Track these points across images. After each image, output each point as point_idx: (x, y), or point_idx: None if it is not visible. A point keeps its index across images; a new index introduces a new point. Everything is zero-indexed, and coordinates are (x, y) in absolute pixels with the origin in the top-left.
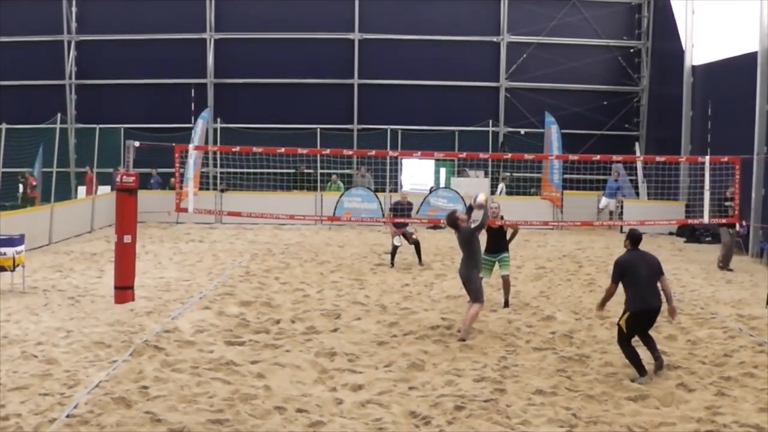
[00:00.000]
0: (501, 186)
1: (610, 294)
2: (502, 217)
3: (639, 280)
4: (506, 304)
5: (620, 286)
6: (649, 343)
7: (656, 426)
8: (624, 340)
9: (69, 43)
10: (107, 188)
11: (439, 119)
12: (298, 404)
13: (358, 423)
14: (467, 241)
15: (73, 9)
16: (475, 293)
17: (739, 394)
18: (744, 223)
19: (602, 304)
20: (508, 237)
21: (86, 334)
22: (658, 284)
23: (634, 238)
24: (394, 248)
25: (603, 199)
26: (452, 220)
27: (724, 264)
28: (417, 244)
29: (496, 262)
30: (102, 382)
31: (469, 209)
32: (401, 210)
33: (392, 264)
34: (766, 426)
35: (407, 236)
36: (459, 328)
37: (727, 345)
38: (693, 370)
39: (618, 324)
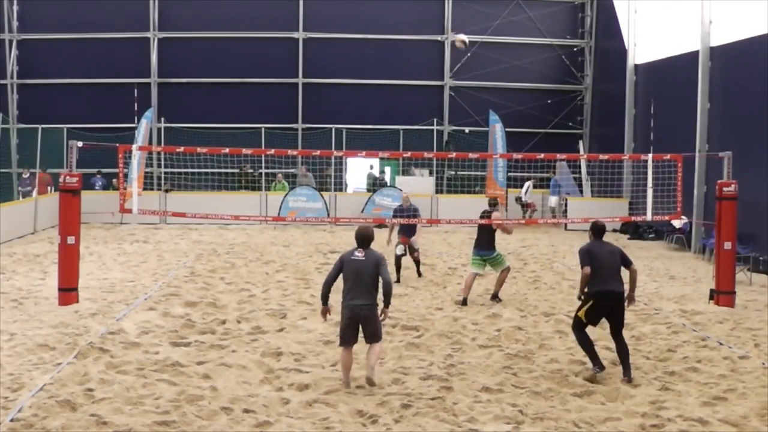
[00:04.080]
0: (528, 184)
1: (586, 277)
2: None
3: (601, 267)
4: (495, 296)
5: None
6: (623, 356)
7: (602, 421)
8: (579, 329)
9: (10, 41)
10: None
11: (383, 118)
12: (244, 404)
13: (305, 423)
14: (374, 268)
15: (15, 7)
16: (377, 330)
17: (683, 389)
18: (685, 219)
19: (582, 289)
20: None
21: (30, 337)
22: (627, 274)
23: (596, 230)
24: (398, 258)
25: (551, 198)
26: (369, 235)
27: None
28: (417, 262)
29: (487, 262)
30: (46, 385)
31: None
32: (405, 216)
33: (398, 279)
34: (709, 419)
35: (412, 250)
36: (366, 375)
37: (671, 340)
38: (637, 365)
39: (576, 315)
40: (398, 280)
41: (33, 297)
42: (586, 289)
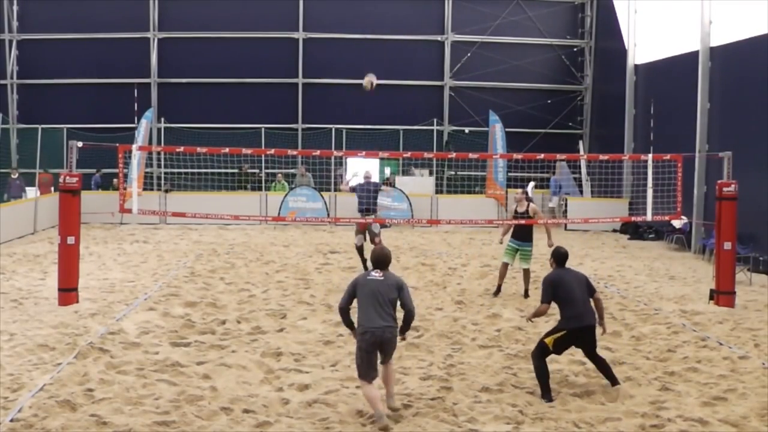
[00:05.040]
0: (530, 186)
1: (541, 313)
2: (528, 204)
3: (574, 298)
4: (526, 294)
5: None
6: (604, 369)
7: (602, 421)
8: (541, 356)
9: (10, 42)
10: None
11: (383, 118)
12: (244, 405)
13: (305, 423)
14: (393, 291)
15: (15, 7)
16: (393, 350)
17: (683, 389)
18: (685, 219)
19: (532, 318)
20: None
21: (30, 337)
22: (591, 302)
23: (559, 257)
24: (358, 249)
25: (553, 198)
26: (386, 256)
27: None
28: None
29: (519, 252)
30: (46, 386)
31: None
32: (365, 194)
33: (365, 267)
34: (709, 419)
35: (371, 235)
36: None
37: (671, 340)
38: (637, 365)
39: (543, 341)
40: (365, 266)
41: (33, 297)
42: (554, 323)
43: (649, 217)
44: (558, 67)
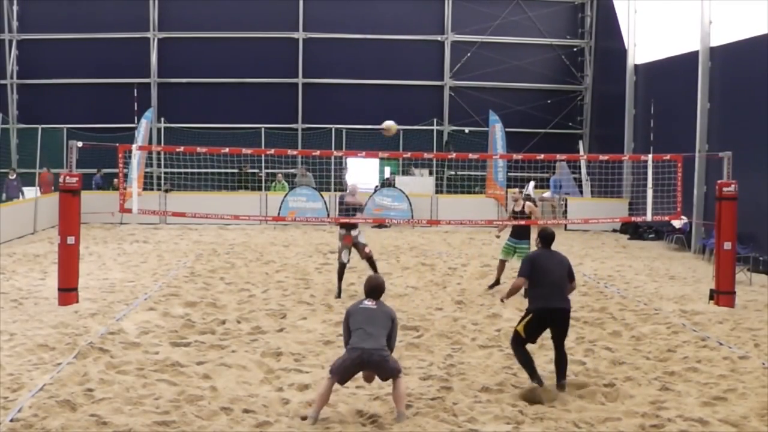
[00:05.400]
0: (530, 185)
1: (516, 288)
2: (524, 203)
3: (546, 280)
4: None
5: None
6: (561, 367)
7: (602, 421)
8: (518, 344)
9: (10, 41)
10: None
11: (383, 118)
12: (244, 405)
13: (304, 423)
14: (385, 320)
15: (14, 7)
16: (395, 369)
17: (683, 389)
18: (685, 219)
19: (508, 296)
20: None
21: (30, 337)
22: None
23: (546, 237)
24: (342, 266)
25: (547, 194)
26: (380, 285)
27: None
28: (370, 259)
29: (516, 251)
30: (46, 386)
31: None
32: (351, 211)
33: (339, 293)
34: (709, 419)
35: (359, 248)
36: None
37: (671, 340)
38: (637, 365)
39: (515, 329)
40: (338, 295)
41: (33, 297)
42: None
43: (649, 217)
44: (558, 67)
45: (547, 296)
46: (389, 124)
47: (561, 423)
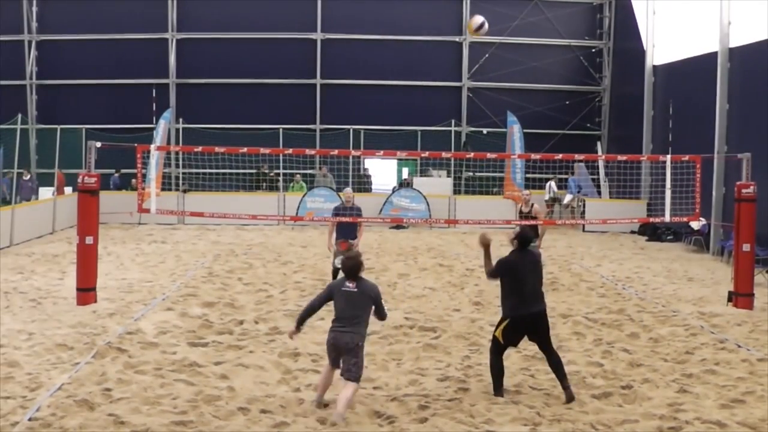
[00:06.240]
0: (551, 184)
1: (487, 271)
2: (532, 204)
3: (523, 286)
4: None
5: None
6: (558, 370)
7: (619, 423)
8: (495, 351)
9: (29, 42)
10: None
11: (401, 119)
12: (261, 405)
13: (322, 423)
14: (366, 301)
15: (34, 8)
16: (358, 369)
17: (701, 391)
18: (704, 221)
19: (485, 257)
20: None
21: (48, 337)
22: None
23: (523, 239)
24: (336, 271)
25: (567, 196)
26: (357, 265)
27: None
28: None
29: None
30: (64, 385)
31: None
32: (345, 224)
33: None
34: (727, 422)
35: None
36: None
37: (689, 342)
38: (655, 367)
39: (494, 335)
40: None
41: (51, 297)
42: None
43: (667, 218)
44: (576, 68)
45: (524, 301)
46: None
47: (578, 425)
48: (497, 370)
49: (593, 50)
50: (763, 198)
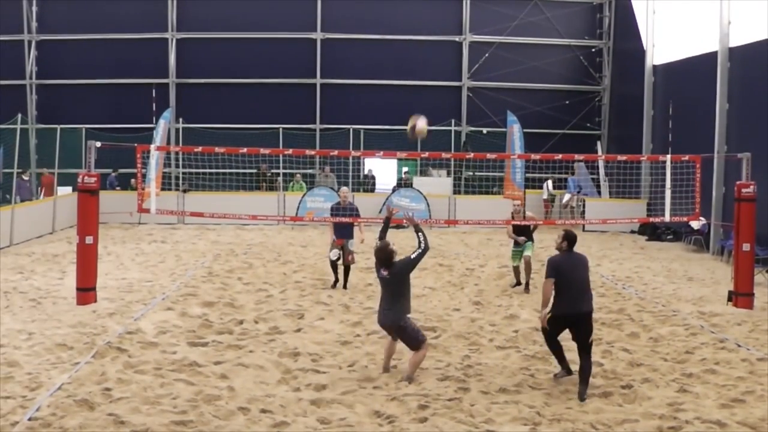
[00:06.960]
0: (548, 183)
1: (547, 296)
2: (524, 215)
3: (570, 286)
4: (526, 288)
5: None
6: (583, 374)
7: (619, 423)
8: (548, 337)
9: (29, 42)
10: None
11: (401, 119)
12: (261, 405)
13: (322, 423)
14: (401, 279)
15: (34, 8)
16: (414, 340)
17: (701, 391)
18: (704, 220)
19: (544, 307)
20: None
21: (48, 336)
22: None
23: (571, 240)
24: (332, 263)
25: (566, 195)
26: (387, 255)
27: None
28: (348, 268)
29: (522, 251)
30: (64, 385)
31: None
32: (342, 223)
33: (336, 279)
34: (727, 422)
35: (345, 252)
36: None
37: (689, 342)
38: (655, 367)
39: (542, 327)
40: (336, 280)
41: (51, 296)
42: (548, 311)
43: (667, 218)
44: (576, 68)
45: (572, 301)
46: (421, 126)
47: (578, 424)
48: (555, 349)
49: (593, 50)
50: (763, 198)
